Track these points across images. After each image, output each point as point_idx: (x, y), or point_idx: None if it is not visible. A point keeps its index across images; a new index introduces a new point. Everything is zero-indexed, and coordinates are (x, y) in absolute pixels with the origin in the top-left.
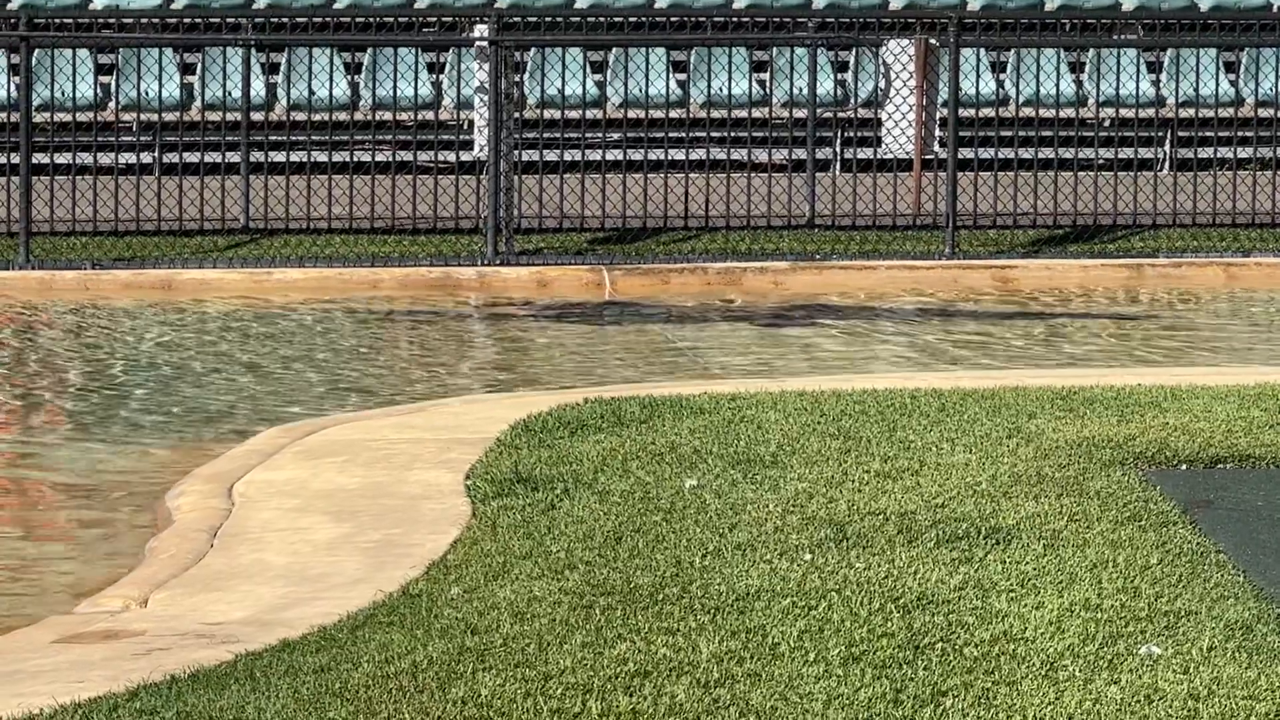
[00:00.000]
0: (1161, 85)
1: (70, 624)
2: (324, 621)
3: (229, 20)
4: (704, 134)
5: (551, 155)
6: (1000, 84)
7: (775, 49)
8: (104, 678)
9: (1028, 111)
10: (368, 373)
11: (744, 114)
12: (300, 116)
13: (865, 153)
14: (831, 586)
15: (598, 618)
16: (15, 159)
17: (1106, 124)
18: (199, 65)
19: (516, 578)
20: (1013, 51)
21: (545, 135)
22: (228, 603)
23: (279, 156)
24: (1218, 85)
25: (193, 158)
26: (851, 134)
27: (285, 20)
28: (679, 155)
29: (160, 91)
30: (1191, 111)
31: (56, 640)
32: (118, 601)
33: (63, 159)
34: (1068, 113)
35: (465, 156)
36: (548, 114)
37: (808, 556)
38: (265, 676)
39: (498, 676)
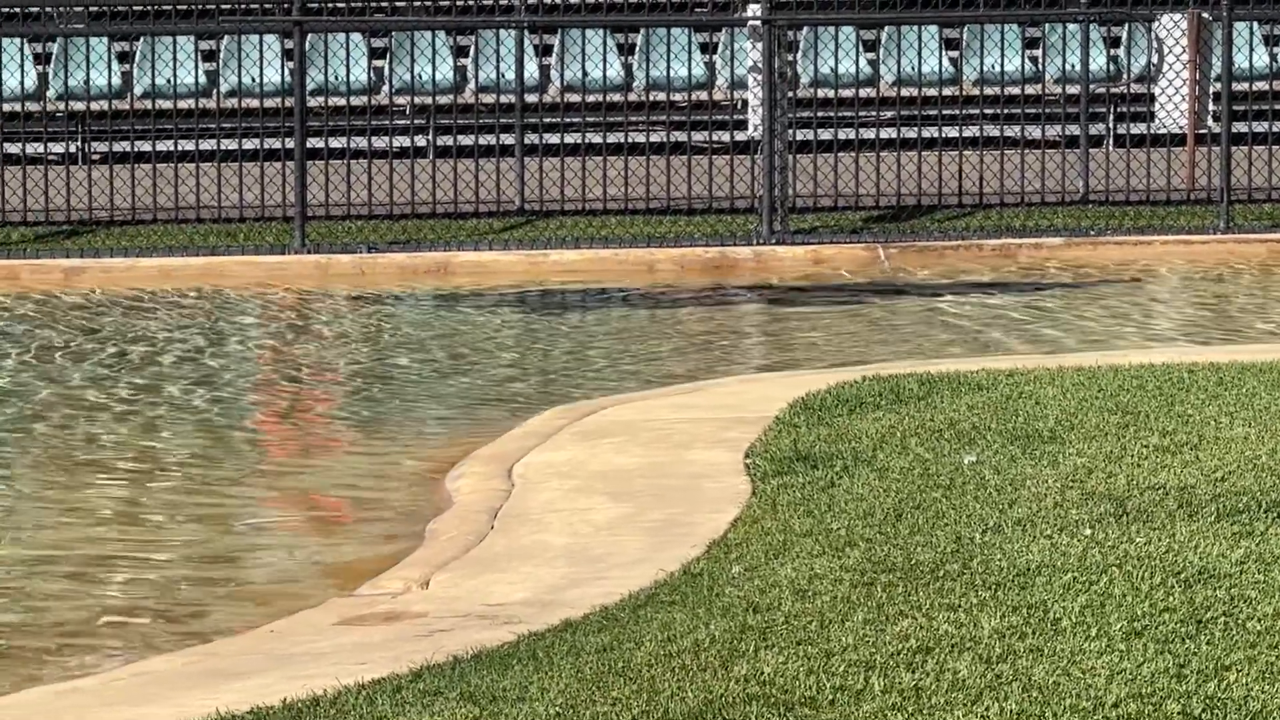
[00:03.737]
0: None
1: (351, 606)
2: (605, 601)
3: (502, 2)
4: (977, 111)
5: (825, 134)
6: (1274, 56)
7: (1047, 25)
8: (386, 659)
9: None
10: (645, 352)
11: (1016, 90)
12: (574, 98)
13: (1138, 128)
14: (1112, 561)
15: (879, 594)
16: (290, 144)
17: None
18: (472, 48)
19: (797, 555)
20: None
21: (819, 114)
22: (509, 584)
23: (553, 138)
24: None
25: (467, 140)
26: (1124, 109)
27: (559, 1)
28: (952, 133)
29: (434, 74)
30: None
31: (338, 622)
32: (399, 583)
33: (337, 143)
34: None
35: (739, 136)
36: (821, 93)
37: (1088, 531)
38: (548, 656)
39: (780, 654)
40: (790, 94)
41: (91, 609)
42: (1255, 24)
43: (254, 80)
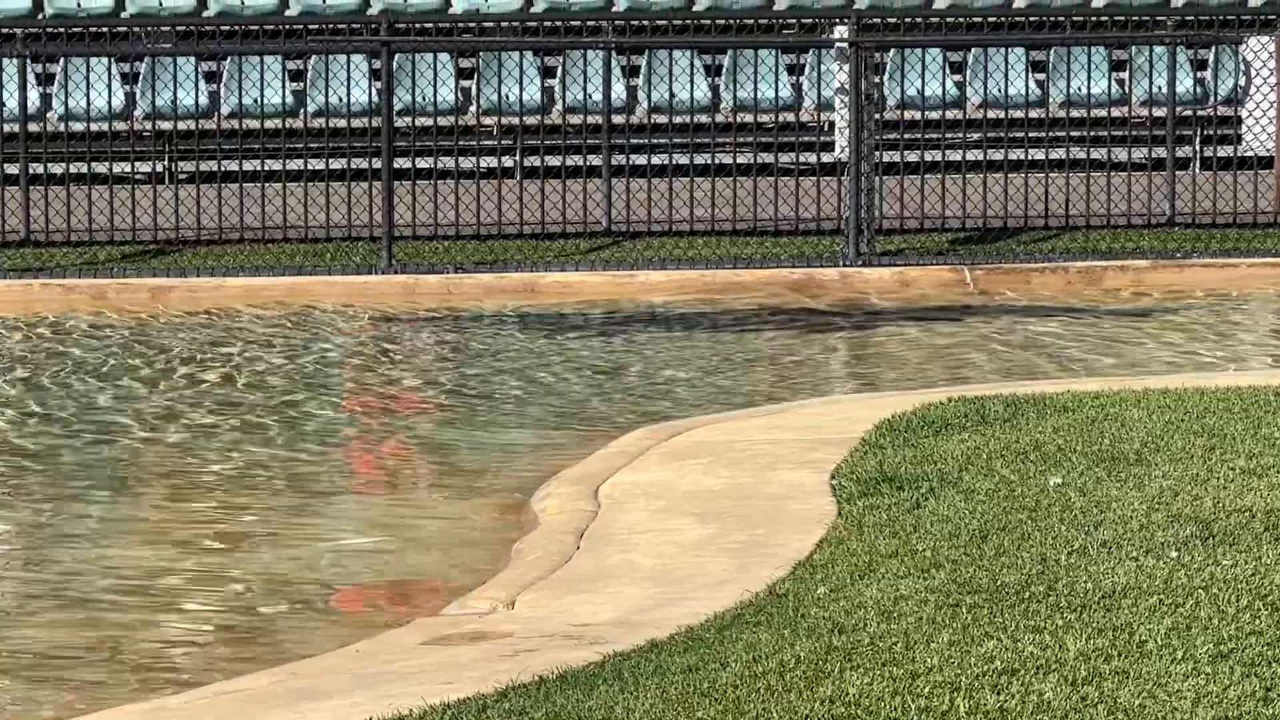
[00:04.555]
0: None
1: (437, 626)
2: (691, 622)
3: (589, 23)
4: (1063, 133)
5: (912, 156)
6: None
7: (1134, 48)
8: (472, 679)
9: None
10: (731, 374)
11: (1103, 113)
12: (661, 119)
13: (1225, 150)
14: (1198, 584)
15: (964, 616)
16: (377, 164)
17: None
18: (559, 68)
19: (883, 576)
20: None
21: (905, 136)
22: (595, 604)
23: (640, 159)
24: None
25: (554, 161)
26: (1211, 132)
27: (645, 23)
28: (1039, 155)
29: (521, 95)
30: None
31: (424, 642)
32: (485, 603)
33: (424, 163)
34: None
35: (826, 158)
36: (907, 115)
37: (1174, 554)
38: (633, 677)
39: (865, 675)
40: (877, 116)
41: (176, 627)
42: None
43: (341, 100)
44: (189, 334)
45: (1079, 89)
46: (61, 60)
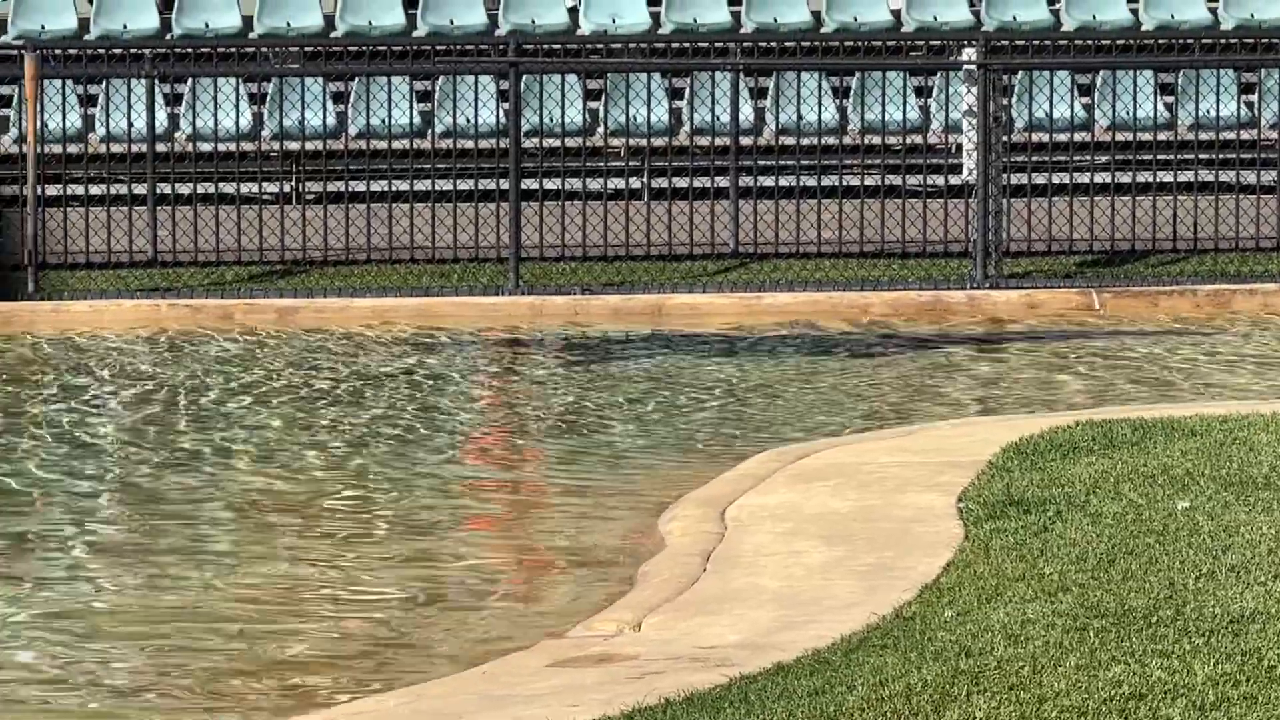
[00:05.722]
0: None
1: (563, 648)
2: (817, 645)
3: (717, 44)
4: (1192, 156)
5: (1039, 178)
6: None
7: (1264, 70)
8: (598, 701)
9: None
10: (859, 395)
11: (1232, 135)
12: (789, 141)
13: None
14: None
15: (1091, 640)
16: (505, 185)
17: None
18: (687, 90)
19: (1010, 600)
20: None
21: (1033, 158)
22: (721, 626)
23: (768, 181)
24: None
25: (681, 183)
26: None
27: (773, 44)
28: (1167, 178)
29: (649, 116)
30: None
31: (550, 664)
32: (611, 625)
33: (551, 185)
34: None
35: (953, 180)
36: (1035, 137)
37: None
38: (759, 699)
39: (992, 699)
40: (1005, 138)
41: (302, 648)
42: None
43: (469, 121)
44: (319, 353)
45: (1208, 111)
46: (189, 81)
